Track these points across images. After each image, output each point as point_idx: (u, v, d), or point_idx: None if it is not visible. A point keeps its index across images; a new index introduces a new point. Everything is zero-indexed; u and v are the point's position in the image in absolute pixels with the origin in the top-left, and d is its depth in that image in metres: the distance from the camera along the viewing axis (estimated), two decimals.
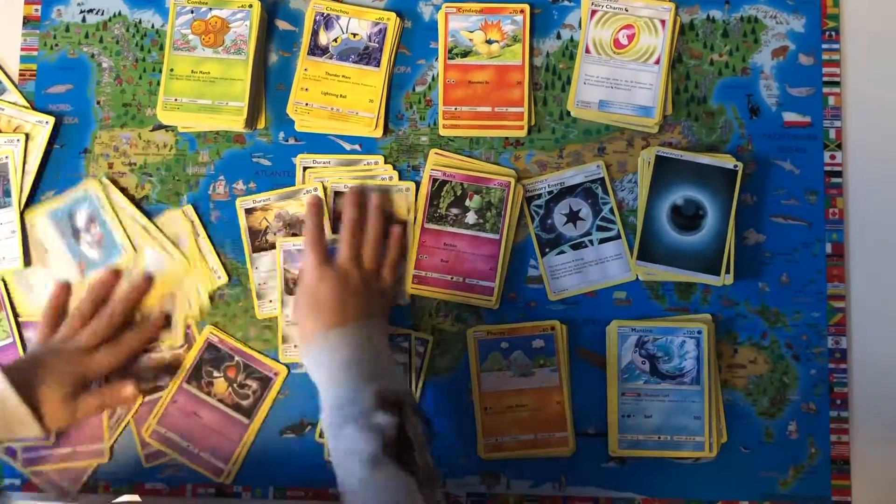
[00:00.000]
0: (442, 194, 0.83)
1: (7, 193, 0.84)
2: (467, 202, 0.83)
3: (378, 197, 0.82)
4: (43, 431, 0.71)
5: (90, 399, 0.74)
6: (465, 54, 0.85)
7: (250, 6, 0.85)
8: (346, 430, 0.67)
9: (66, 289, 0.81)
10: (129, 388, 0.76)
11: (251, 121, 0.84)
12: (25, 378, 0.71)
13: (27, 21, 0.88)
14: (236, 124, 0.84)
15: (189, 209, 0.84)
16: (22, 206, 0.84)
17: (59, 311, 0.80)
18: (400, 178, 0.84)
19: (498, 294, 0.82)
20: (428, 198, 0.83)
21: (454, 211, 0.83)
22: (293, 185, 0.84)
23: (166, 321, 0.82)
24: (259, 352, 0.83)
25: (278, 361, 0.83)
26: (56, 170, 0.85)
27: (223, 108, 0.83)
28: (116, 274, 0.81)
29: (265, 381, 0.82)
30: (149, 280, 0.81)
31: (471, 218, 0.83)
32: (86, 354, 0.75)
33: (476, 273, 0.82)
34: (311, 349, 0.73)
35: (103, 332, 0.77)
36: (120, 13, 0.88)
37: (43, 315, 0.79)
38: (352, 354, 0.71)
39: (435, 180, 0.83)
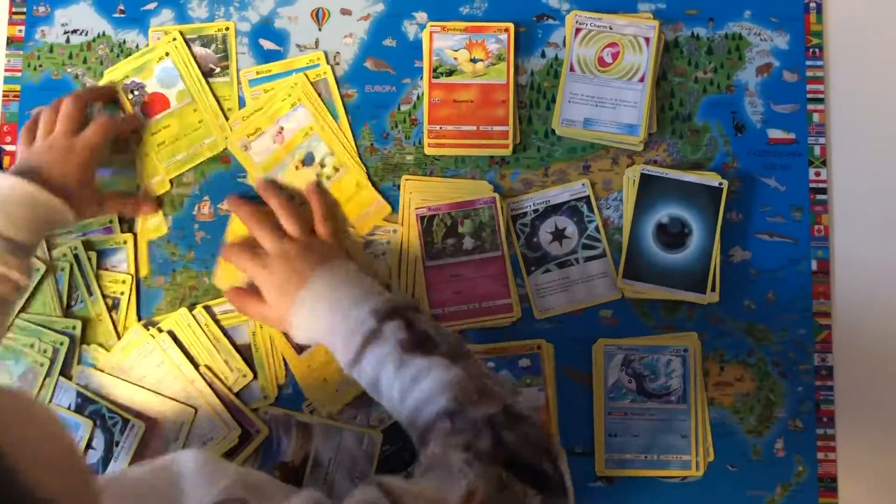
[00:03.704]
0: (433, 229, 0.83)
1: None
2: (460, 229, 0.83)
3: (260, 179, 0.83)
4: (75, 218, 0.77)
5: (115, 198, 0.82)
6: (450, 73, 0.85)
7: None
8: (363, 359, 0.68)
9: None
10: (150, 204, 0.84)
11: None
12: (38, 176, 0.74)
13: (10, 42, 0.88)
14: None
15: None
16: None
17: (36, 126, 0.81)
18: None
19: (516, 305, 0.82)
20: (421, 236, 0.83)
21: (450, 241, 0.83)
22: None
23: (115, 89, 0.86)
24: (246, 405, 0.82)
25: (264, 422, 0.81)
26: None
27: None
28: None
29: (245, 436, 0.81)
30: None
31: (468, 243, 0.83)
32: (73, 136, 0.79)
33: (490, 294, 0.82)
34: (294, 324, 0.73)
35: (74, 113, 0.80)
36: (104, 33, 0.87)
37: (24, 127, 0.81)
38: (329, 298, 0.72)
39: (422, 218, 0.83)
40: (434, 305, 0.82)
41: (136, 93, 0.85)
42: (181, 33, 0.86)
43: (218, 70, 0.86)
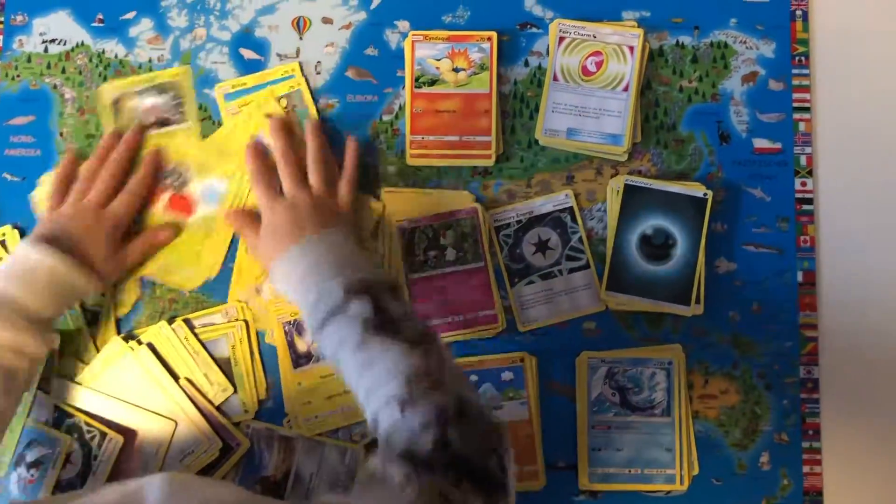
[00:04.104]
0: (416, 241, 0.82)
1: None
2: (442, 240, 0.82)
3: (312, 120, 0.82)
4: (99, 288, 0.77)
5: (132, 247, 0.80)
6: (432, 83, 0.84)
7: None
8: (326, 329, 0.68)
9: (75, 159, 0.82)
10: (165, 230, 0.82)
11: None
12: (65, 245, 0.74)
13: None
14: None
15: None
16: None
17: (69, 178, 0.81)
18: None
19: (501, 315, 0.81)
20: (403, 249, 0.82)
21: (432, 253, 0.82)
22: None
23: (159, 156, 0.84)
24: (229, 418, 0.81)
25: (247, 436, 0.81)
26: (19, 202, 0.84)
27: None
28: (117, 136, 0.83)
29: (226, 449, 0.80)
30: (141, 129, 0.84)
31: (450, 254, 0.82)
32: (102, 207, 0.79)
33: (475, 305, 0.81)
34: (274, 270, 0.74)
35: (110, 182, 0.80)
36: (83, 43, 0.86)
37: (54, 182, 0.81)
38: (312, 261, 0.71)
39: (404, 230, 0.82)
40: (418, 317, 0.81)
41: (174, 182, 0.83)
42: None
43: (176, 118, 0.84)
